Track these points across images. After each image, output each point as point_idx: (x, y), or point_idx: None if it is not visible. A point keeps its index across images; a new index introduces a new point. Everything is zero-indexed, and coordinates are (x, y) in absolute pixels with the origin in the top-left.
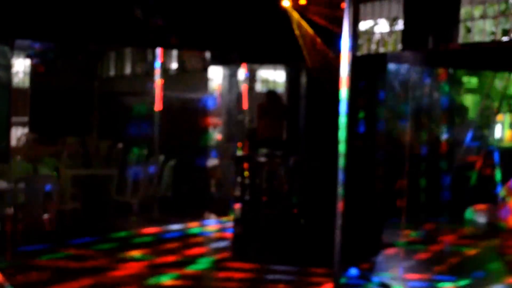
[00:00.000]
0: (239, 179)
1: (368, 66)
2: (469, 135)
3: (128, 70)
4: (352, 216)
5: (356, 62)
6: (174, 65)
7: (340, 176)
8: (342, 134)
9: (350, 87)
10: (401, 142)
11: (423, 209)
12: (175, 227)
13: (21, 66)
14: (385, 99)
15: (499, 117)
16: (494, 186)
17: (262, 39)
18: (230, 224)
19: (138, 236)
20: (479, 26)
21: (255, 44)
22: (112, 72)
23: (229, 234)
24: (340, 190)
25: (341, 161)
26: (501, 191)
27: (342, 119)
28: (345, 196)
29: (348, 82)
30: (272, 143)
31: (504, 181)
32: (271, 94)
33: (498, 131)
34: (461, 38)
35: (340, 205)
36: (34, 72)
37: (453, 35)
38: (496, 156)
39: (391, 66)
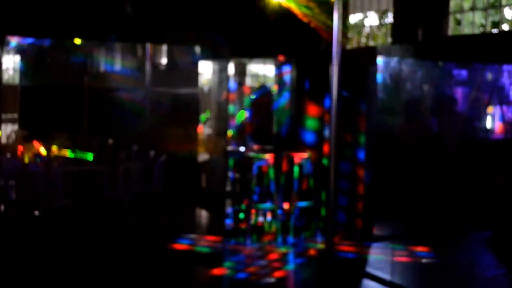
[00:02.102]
0: (229, 173)
1: (358, 59)
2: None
3: (118, 65)
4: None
5: (346, 55)
6: (163, 60)
7: (331, 168)
8: (332, 127)
9: (339, 80)
10: (392, 135)
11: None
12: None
13: (11, 62)
14: (376, 92)
15: (490, 109)
16: None
17: (252, 33)
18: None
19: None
20: (468, 19)
21: (245, 39)
22: (102, 68)
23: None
24: (332, 182)
25: (331, 154)
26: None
27: (333, 112)
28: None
29: (338, 75)
30: (262, 138)
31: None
32: (261, 89)
33: (488, 123)
34: (451, 30)
35: (332, 197)
36: (24, 69)
37: (443, 28)
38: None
39: (381, 59)
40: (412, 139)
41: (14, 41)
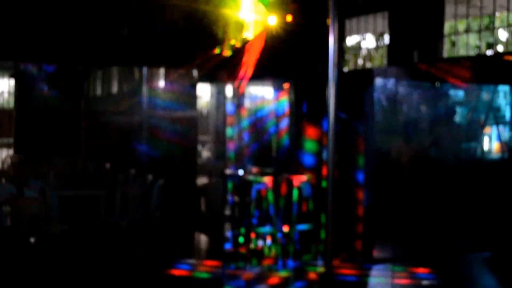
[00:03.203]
0: (228, 197)
1: (355, 81)
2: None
3: (115, 89)
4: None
5: (343, 78)
6: (161, 83)
7: (329, 190)
8: (330, 149)
9: (336, 102)
10: (390, 156)
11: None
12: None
13: (5, 86)
14: (374, 113)
15: (487, 129)
16: None
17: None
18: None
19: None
20: (464, 40)
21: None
22: (99, 91)
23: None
24: (329, 204)
25: (329, 176)
26: None
27: (330, 135)
28: (336, 209)
29: (334, 97)
30: (260, 160)
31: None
32: (259, 111)
33: (486, 143)
34: (446, 52)
35: (329, 220)
36: (19, 92)
37: (438, 50)
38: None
39: (378, 81)
40: (410, 160)
41: (8, 65)
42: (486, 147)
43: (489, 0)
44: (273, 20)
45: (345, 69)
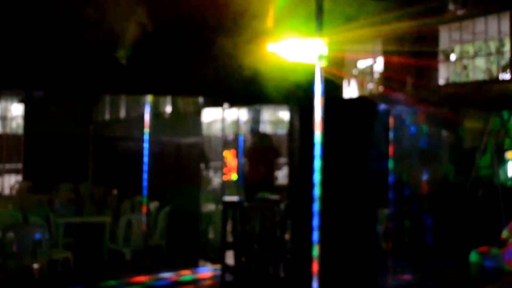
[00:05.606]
0: (230, 224)
1: (357, 107)
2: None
3: (123, 114)
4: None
5: (343, 104)
6: (168, 109)
7: (316, 220)
8: (317, 177)
9: (325, 130)
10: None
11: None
12: (167, 275)
13: (16, 112)
14: (376, 140)
15: (510, 154)
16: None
17: (250, 81)
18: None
19: (129, 285)
20: (480, 63)
21: (247, 84)
22: (107, 116)
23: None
24: (315, 235)
25: (317, 205)
26: (504, 232)
27: (317, 163)
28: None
29: (321, 125)
30: (263, 187)
31: (507, 221)
32: (262, 137)
33: (510, 170)
34: (463, 76)
35: (317, 250)
36: (28, 118)
37: (434, 75)
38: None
39: (384, 106)
40: (427, 188)
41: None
42: (510, 173)
43: (481, 26)
44: (272, 48)
45: (355, 94)
